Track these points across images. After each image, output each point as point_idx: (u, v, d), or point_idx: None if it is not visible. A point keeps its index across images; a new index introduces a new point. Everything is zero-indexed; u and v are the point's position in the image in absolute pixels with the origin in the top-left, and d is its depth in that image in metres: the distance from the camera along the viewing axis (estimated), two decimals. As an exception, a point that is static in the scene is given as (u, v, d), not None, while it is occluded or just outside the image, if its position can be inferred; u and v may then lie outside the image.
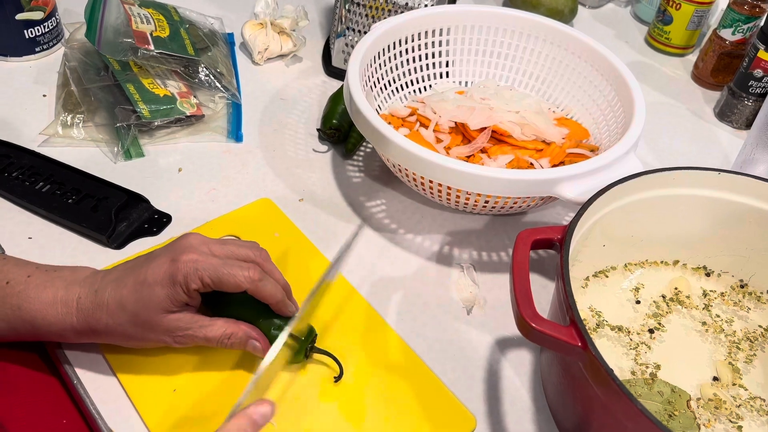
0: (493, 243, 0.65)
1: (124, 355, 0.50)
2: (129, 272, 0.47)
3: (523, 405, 0.52)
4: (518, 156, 0.64)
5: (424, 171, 0.57)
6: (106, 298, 0.46)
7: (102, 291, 0.46)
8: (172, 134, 0.71)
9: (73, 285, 0.47)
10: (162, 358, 0.51)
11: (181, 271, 0.45)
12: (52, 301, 0.46)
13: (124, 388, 0.50)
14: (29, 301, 0.46)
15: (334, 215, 0.66)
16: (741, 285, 0.60)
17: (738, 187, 0.56)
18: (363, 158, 0.73)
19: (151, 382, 0.50)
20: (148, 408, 0.48)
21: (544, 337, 0.42)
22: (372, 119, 0.58)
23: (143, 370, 0.50)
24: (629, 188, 0.54)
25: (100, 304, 0.46)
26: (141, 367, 0.50)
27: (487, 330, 0.58)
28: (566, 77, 0.73)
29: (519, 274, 0.45)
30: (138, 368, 0.50)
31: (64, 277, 0.47)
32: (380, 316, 0.56)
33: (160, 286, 0.45)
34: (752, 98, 0.81)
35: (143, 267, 0.46)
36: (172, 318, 0.46)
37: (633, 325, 0.57)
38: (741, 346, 0.56)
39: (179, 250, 0.46)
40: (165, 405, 0.49)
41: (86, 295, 0.46)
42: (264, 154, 0.72)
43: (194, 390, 0.50)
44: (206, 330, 0.47)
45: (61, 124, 0.69)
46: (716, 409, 0.51)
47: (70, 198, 0.62)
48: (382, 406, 0.50)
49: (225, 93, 0.75)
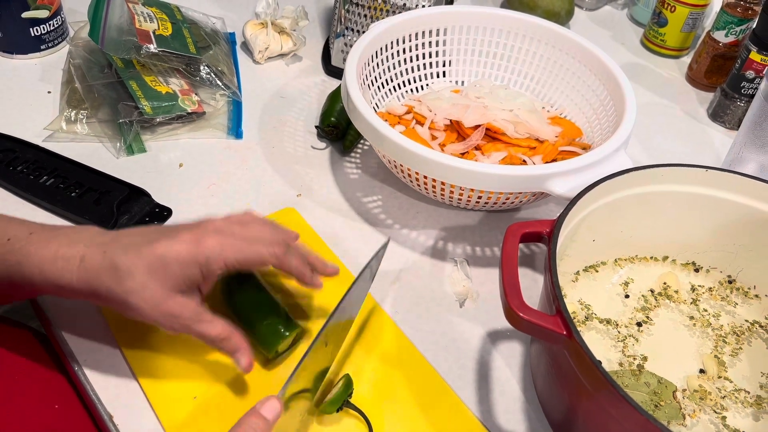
0: (487, 239, 0.66)
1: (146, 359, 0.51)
2: (144, 241, 0.45)
3: (513, 395, 0.54)
4: (511, 153, 0.65)
5: (418, 167, 0.58)
6: (117, 262, 0.44)
7: (112, 253, 0.44)
8: (173, 130, 0.73)
9: (77, 242, 0.45)
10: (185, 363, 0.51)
11: (203, 253, 0.45)
12: (52, 257, 0.45)
13: (144, 391, 0.50)
14: (29, 256, 0.45)
15: (331, 210, 0.67)
16: (729, 280, 0.62)
17: (725, 184, 0.57)
18: (360, 155, 0.74)
19: (172, 387, 0.50)
20: (168, 414, 0.48)
21: (530, 325, 0.44)
22: (368, 116, 0.59)
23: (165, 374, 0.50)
24: (618, 184, 0.55)
25: (108, 268, 0.44)
26: (163, 371, 0.50)
27: (479, 322, 0.59)
28: (560, 77, 0.74)
29: (508, 265, 0.47)
30: (160, 372, 0.50)
31: (67, 234, 0.46)
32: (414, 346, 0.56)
33: (178, 264, 0.45)
34: (744, 99, 0.82)
35: (162, 241, 0.45)
36: (178, 301, 0.45)
37: (621, 318, 0.58)
38: (727, 340, 0.57)
39: (204, 232, 0.46)
40: (185, 412, 0.49)
41: (92, 256, 0.45)
42: (263, 150, 0.73)
43: (216, 400, 0.49)
44: (204, 326, 0.47)
45: (65, 119, 0.71)
46: (701, 400, 0.53)
47: (74, 191, 0.63)
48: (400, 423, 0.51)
49: (226, 91, 0.77)
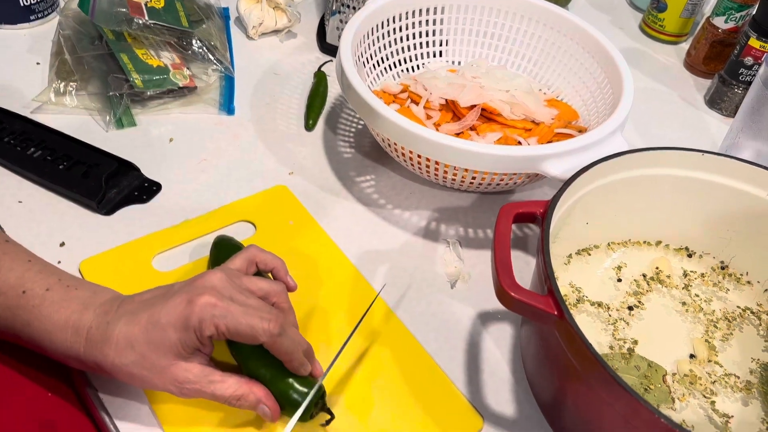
0: (480, 220, 0.66)
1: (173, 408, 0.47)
2: (144, 308, 0.43)
3: (502, 376, 0.53)
4: (507, 134, 0.64)
5: (413, 145, 0.57)
6: (116, 334, 0.42)
7: (113, 324, 0.43)
8: (164, 105, 0.71)
9: (89, 309, 0.44)
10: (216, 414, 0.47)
11: (196, 315, 0.42)
12: (63, 325, 0.43)
13: None
14: (40, 320, 0.43)
15: (323, 189, 0.67)
16: (722, 266, 0.61)
17: (722, 169, 0.57)
18: (354, 135, 0.73)
19: None
20: None
21: (522, 305, 0.43)
22: (363, 93, 0.58)
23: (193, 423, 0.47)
24: (613, 166, 0.55)
25: (109, 339, 0.42)
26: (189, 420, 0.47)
27: (470, 304, 0.58)
28: (558, 59, 0.73)
29: (500, 245, 0.46)
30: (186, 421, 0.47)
31: (82, 299, 0.44)
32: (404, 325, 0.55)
33: (173, 329, 0.42)
34: (742, 86, 0.82)
35: (158, 305, 0.43)
36: (182, 367, 0.43)
37: (613, 302, 0.58)
38: (719, 325, 0.57)
39: (197, 290, 0.43)
40: None
41: (97, 327, 0.43)
42: (255, 127, 0.72)
43: None
44: (215, 387, 0.44)
45: (53, 91, 0.69)
46: (691, 385, 0.52)
47: (61, 164, 0.62)
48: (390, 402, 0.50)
49: (218, 66, 0.76)
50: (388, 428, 0.48)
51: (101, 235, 0.59)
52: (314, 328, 0.54)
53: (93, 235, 0.58)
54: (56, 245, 0.57)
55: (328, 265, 0.59)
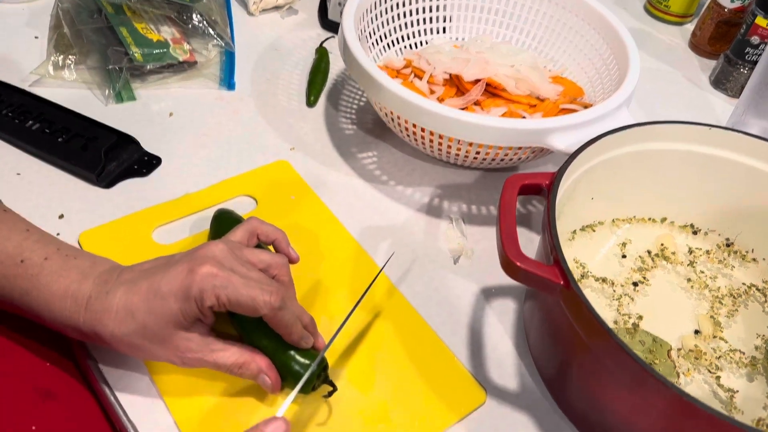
0: (483, 197, 0.65)
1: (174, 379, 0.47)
2: (144, 277, 0.43)
3: (505, 350, 0.53)
4: (511, 110, 0.64)
5: (416, 118, 0.56)
6: (116, 303, 0.42)
7: (113, 293, 0.42)
8: (164, 79, 0.71)
9: (88, 279, 0.43)
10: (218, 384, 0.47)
11: (197, 285, 0.41)
12: (62, 295, 0.42)
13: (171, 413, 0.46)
14: (39, 289, 0.42)
15: (325, 165, 0.66)
16: (727, 243, 0.61)
17: (729, 143, 0.56)
18: (356, 111, 0.73)
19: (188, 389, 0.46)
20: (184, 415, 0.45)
21: (527, 275, 0.43)
22: (365, 64, 0.57)
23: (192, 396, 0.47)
24: (619, 140, 0.54)
25: (109, 309, 0.42)
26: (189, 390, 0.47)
27: (473, 279, 0.58)
28: (563, 36, 0.72)
29: (505, 216, 0.46)
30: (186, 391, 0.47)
31: (81, 268, 0.43)
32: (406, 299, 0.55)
33: (174, 299, 0.41)
34: (748, 66, 0.81)
35: (159, 274, 0.42)
36: (183, 336, 0.43)
37: (617, 278, 0.57)
38: (724, 302, 0.56)
39: (199, 260, 0.42)
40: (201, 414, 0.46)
41: (97, 296, 0.42)
42: (256, 102, 0.71)
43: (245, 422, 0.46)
44: (217, 355, 0.44)
45: (52, 64, 0.68)
46: (696, 360, 0.52)
47: (60, 137, 0.61)
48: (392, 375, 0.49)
49: (219, 41, 0.75)
50: (390, 401, 0.48)
51: (101, 207, 0.58)
52: (316, 303, 0.53)
53: (92, 208, 0.58)
54: (55, 217, 0.57)
55: (330, 240, 0.58)
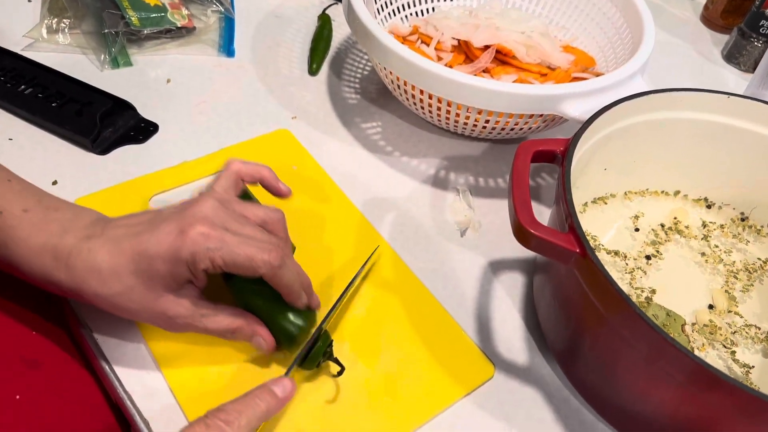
0: (491, 169, 0.63)
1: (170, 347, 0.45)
2: (131, 236, 0.40)
3: (513, 324, 0.51)
4: (522, 78, 0.61)
5: (423, 83, 0.54)
6: (99, 262, 0.39)
7: (96, 252, 0.39)
8: (161, 45, 0.68)
9: (69, 233, 0.40)
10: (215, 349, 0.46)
11: (187, 248, 0.38)
12: (40, 250, 0.39)
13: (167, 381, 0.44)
14: (17, 242, 0.39)
15: (327, 134, 0.64)
16: (741, 218, 0.59)
17: (749, 113, 0.54)
18: (360, 80, 0.70)
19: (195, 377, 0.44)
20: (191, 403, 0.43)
21: (541, 243, 0.41)
22: (370, 26, 0.55)
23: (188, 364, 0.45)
24: (635, 107, 0.52)
25: (92, 268, 0.39)
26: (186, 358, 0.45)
27: (480, 252, 0.56)
28: (574, 4, 0.70)
29: (518, 182, 0.44)
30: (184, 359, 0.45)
31: (62, 221, 0.40)
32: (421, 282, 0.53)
33: (162, 261, 0.39)
34: (762, 39, 0.79)
35: (146, 234, 0.39)
36: (171, 300, 0.40)
37: (630, 251, 0.55)
38: (739, 276, 0.55)
39: (189, 219, 0.39)
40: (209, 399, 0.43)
41: (78, 253, 0.39)
42: (257, 70, 0.69)
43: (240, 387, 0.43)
44: (208, 320, 0.42)
45: (46, 27, 0.66)
46: (711, 335, 0.50)
47: (54, 101, 0.59)
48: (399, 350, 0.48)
49: (218, 6, 0.72)
50: (397, 375, 0.46)
51: (96, 174, 0.56)
52: (320, 274, 0.51)
53: (87, 174, 0.56)
54: (48, 184, 0.54)
55: (333, 212, 0.56)
